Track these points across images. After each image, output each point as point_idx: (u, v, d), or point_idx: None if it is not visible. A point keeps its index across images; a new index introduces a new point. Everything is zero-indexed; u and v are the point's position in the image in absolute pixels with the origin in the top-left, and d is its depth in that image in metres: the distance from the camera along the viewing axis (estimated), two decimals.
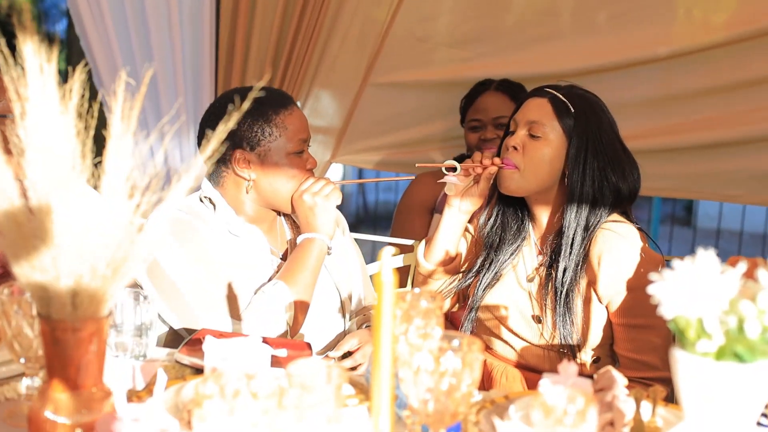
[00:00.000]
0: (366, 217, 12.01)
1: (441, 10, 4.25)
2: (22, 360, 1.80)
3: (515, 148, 2.62)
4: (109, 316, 1.57)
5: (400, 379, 1.60)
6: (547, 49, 4.13)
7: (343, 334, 2.81)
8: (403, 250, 3.55)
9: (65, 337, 1.52)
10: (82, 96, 1.56)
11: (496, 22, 4.18)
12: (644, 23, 3.96)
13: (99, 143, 1.60)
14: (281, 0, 4.08)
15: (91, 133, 1.58)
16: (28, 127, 1.51)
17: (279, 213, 2.86)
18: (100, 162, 1.58)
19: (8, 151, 1.54)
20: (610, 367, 1.90)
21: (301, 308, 2.64)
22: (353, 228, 3.19)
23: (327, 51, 4.26)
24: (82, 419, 1.53)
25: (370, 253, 4.13)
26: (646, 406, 1.90)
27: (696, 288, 1.43)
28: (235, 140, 2.66)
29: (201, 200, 2.76)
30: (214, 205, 2.74)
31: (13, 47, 1.49)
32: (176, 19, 4.01)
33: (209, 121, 2.73)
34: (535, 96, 2.67)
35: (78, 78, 1.55)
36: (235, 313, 2.58)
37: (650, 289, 1.48)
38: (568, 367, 1.76)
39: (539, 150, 2.59)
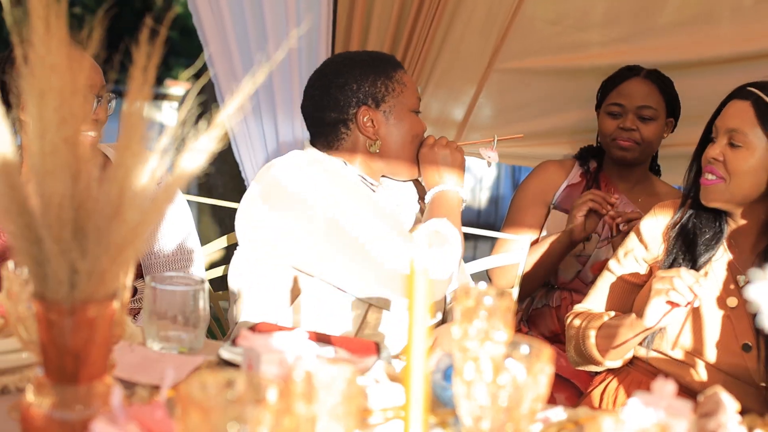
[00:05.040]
0: None
1: None
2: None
3: (716, 160, 2.36)
4: (114, 299, 1.36)
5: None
6: (694, 33, 3.73)
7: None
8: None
9: (61, 322, 1.31)
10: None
11: (635, 4, 3.80)
12: None
13: None
14: None
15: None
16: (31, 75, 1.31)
17: None
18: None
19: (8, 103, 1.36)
20: (718, 388, 1.58)
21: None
22: None
23: (450, 33, 3.95)
24: (78, 416, 1.32)
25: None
26: None
27: None
28: (359, 97, 2.56)
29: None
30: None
31: None
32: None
33: (314, 83, 2.65)
34: (735, 98, 2.38)
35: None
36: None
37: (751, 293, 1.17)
38: (663, 386, 1.47)
39: (741, 161, 2.32)
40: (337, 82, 2.58)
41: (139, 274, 2.71)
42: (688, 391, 2.38)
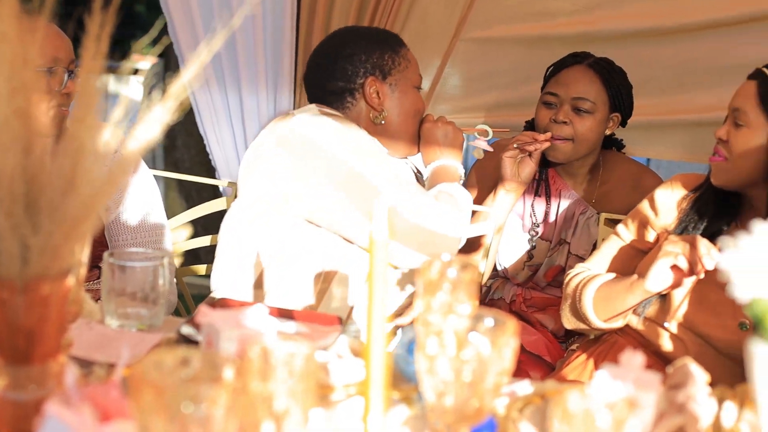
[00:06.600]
0: None
1: None
2: None
3: (722, 140, 2.36)
4: (69, 276, 1.32)
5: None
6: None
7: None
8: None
9: (12, 300, 1.27)
10: None
11: None
12: None
13: None
14: None
15: None
16: None
17: None
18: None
19: None
20: (688, 360, 1.57)
21: None
22: None
23: (416, 4, 3.87)
24: (31, 396, 1.29)
25: None
26: (730, 408, 1.56)
27: None
28: (367, 68, 2.61)
29: None
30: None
31: None
32: None
33: (321, 53, 2.71)
34: (749, 78, 2.35)
35: None
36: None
37: (721, 263, 1.15)
38: (631, 358, 1.45)
39: (742, 140, 2.30)
40: (344, 52, 2.63)
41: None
42: (668, 363, 2.37)
